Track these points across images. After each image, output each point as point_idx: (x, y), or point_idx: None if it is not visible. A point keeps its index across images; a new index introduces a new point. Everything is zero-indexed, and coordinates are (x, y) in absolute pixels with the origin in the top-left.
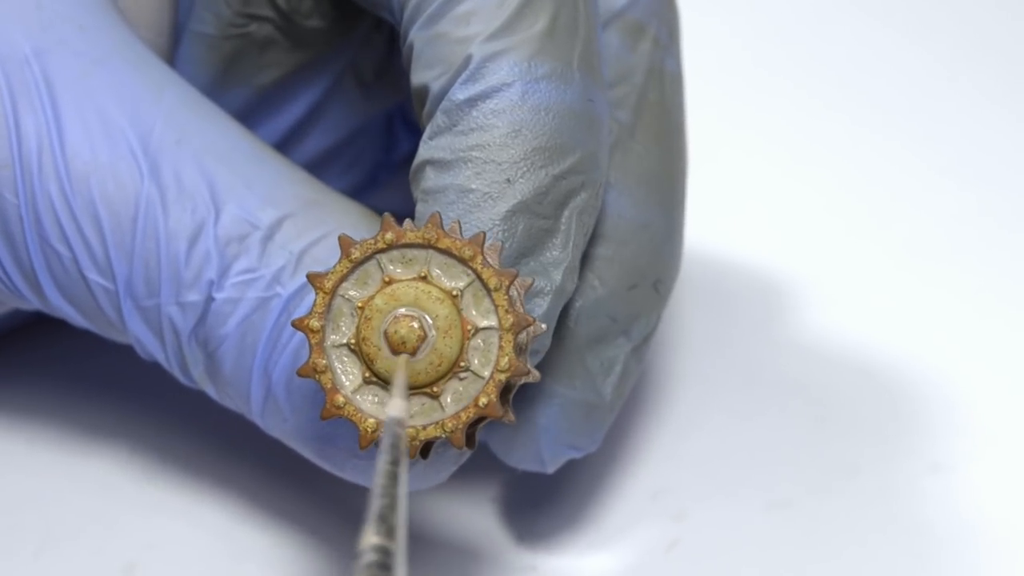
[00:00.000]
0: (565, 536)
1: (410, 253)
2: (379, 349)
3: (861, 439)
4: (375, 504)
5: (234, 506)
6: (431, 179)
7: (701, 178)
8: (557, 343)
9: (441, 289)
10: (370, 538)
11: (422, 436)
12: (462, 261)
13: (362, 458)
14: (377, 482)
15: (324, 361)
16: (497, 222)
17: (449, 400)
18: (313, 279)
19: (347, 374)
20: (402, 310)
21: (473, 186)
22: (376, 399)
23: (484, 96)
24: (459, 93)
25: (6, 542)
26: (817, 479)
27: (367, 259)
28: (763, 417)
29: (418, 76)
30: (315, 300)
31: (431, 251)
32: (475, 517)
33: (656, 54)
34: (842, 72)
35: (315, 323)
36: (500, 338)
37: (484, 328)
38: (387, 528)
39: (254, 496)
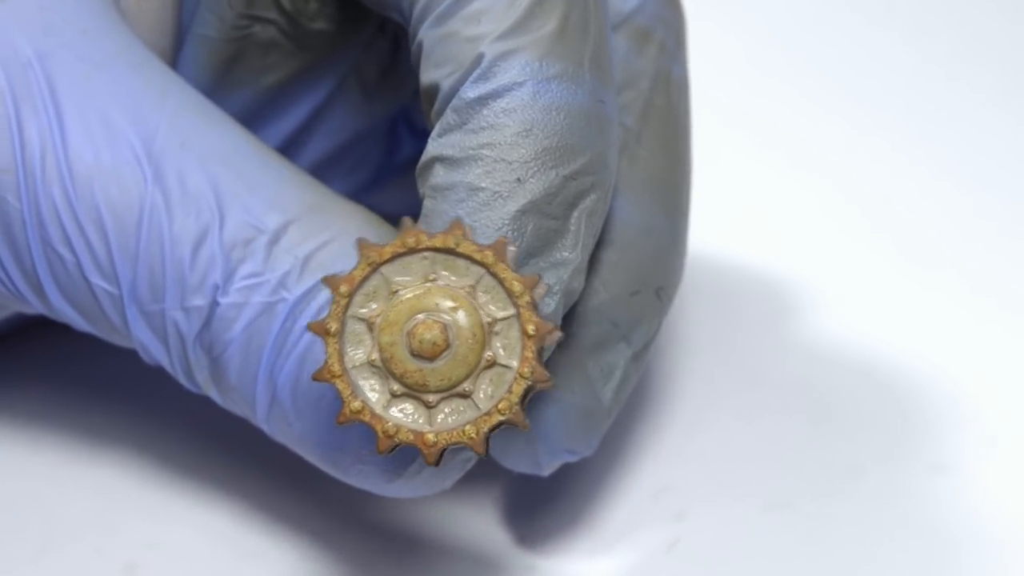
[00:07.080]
0: (566, 536)
1: (439, 258)
2: (399, 355)
3: (864, 440)
4: None
5: (237, 508)
6: (440, 176)
7: (704, 180)
8: (557, 347)
9: (459, 292)
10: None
11: (443, 440)
12: (480, 264)
13: (368, 463)
14: None
15: (340, 366)
16: (507, 221)
17: (481, 396)
18: (330, 282)
19: (365, 379)
20: (422, 315)
21: (483, 184)
22: (394, 404)
23: (495, 95)
24: (470, 91)
25: (8, 543)
26: (820, 480)
27: (385, 263)
28: (765, 417)
29: (428, 74)
30: (332, 304)
31: (454, 257)
32: (475, 518)
33: (663, 60)
34: (843, 76)
35: (333, 326)
36: (523, 346)
37: (501, 333)
38: None
39: (256, 499)
